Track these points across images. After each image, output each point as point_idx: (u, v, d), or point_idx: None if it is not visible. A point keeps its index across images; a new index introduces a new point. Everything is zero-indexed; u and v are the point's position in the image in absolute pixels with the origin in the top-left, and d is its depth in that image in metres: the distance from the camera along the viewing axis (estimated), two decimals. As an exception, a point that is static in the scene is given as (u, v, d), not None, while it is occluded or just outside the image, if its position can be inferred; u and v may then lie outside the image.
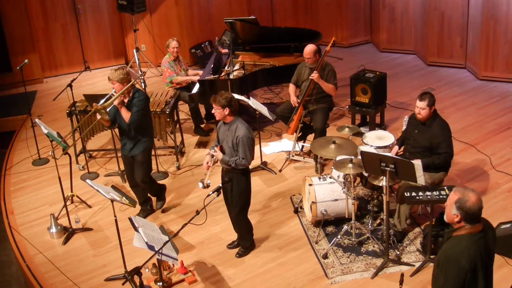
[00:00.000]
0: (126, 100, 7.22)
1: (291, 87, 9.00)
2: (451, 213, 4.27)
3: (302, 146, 9.12)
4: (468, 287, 4.26)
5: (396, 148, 7.44)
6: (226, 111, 6.47)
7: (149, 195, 7.90)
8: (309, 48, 8.60)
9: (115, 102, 7.12)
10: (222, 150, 6.62)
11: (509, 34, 10.78)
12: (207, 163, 6.70)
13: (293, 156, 8.97)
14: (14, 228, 7.89)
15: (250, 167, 6.66)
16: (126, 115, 7.17)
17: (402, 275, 5.01)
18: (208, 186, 6.55)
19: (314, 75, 8.46)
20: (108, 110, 7.18)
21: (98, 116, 7.11)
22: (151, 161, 7.72)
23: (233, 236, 7.21)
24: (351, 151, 7.22)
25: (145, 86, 10.43)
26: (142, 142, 7.38)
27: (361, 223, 7.26)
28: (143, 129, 7.38)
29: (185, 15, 12.90)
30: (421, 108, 6.89)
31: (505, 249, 6.61)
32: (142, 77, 7.65)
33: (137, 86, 7.52)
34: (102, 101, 7.17)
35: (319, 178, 7.39)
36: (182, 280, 6.69)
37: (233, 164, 6.47)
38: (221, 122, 6.68)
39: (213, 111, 6.61)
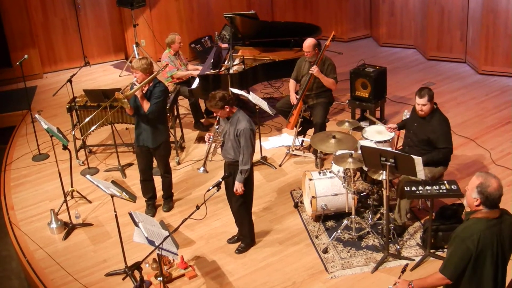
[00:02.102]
0: (145, 89, 7.24)
1: (291, 83, 8.99)
2: (471, 197, 4.38)
3: (302, 141, 9.12)
4: (472, 270, 4.36)
5: (394, 125, 7.47)
6: (227, 108, 6.47)
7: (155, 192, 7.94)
8: (308, 42, 8.59)
9: (137, 93, 7.14)
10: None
11: (509, 28, 10.76)
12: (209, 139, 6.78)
13: (293, 150, 8.97)
14: (14, 223, 7.90)
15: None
16: (146, 105, 7.20)
17: (406, 265, 5.02)
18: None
19: (314, 69, 8.45)
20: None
21: (119, 104, 7.14)
22: (171, 150, 7.83)
23: (234, 230, 7.21)
24: (351, 146, 7.22)
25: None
26: (160, 133, 7.41)
27: (361, 217, 7.27)
28: (161, 120, 7.42)
29: (184, 10, 12.89)
30: (422, 105, 6.87)
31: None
32: (163, 69, 7.71)
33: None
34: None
35: (319, 173, 7.39)
36: (183, 275, 6.71)
37: (245, 170, 6.50)
38: None
39: (214, 114, 6.62)
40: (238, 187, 6.57)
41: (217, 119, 6.74)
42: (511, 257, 4.60)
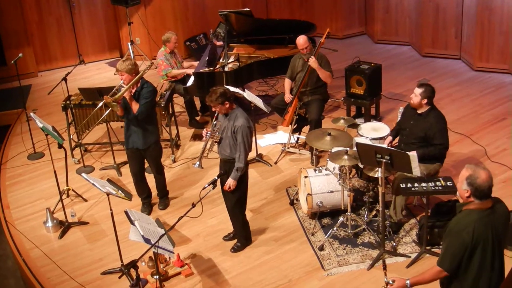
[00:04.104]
0: (133, 91, 7.20)
1: (287, 82, 8.98)
2: (461, 189, 4.44)
3: (298, 138, 9.12)
4: (469, 261, 4.41)
5: (389, 138, 7.45)
6: (227, 104, 6.48)
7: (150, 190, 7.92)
8: (303, 38, 8.61)
9: (125, 94, 7.09)
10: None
11: (504, 24, 10.78)
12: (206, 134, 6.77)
13: (288, 148, 8.97)
14: (10, 222, 7.89)
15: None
16: (134, 106, 7.14)
17: (384, 261, 5.04)
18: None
19: (311, 61, 8.44)
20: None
21: (110, 108, 7.13)
22: (162, 151, 7.79)
23: (230, 228, 7.21)
24: (347, 143, 7.23)
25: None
26: (150, 134, 7.37)
27: (357, 214, 7.28)
28: (150, 121, 7.37)
29: (179, 8, 12.87)
30: (414, 94, 6.94)
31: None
32: (149, 69, 7.65)
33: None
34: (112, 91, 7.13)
35: (315, 170, 7.39)
36: (179, 273, 6.71)
37: (241, 167, 6.51)
38: None
39: (213, 110, 6.61)
40: (230, 183, 6.57)
41: (215, 114, 6.74)
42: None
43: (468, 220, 4.38)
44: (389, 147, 6.62)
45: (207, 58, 9.63)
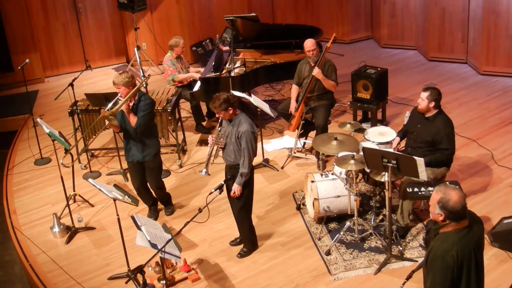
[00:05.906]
0: (131, 104, 7.17)
1: (294, 89, 8.94)
2: (435, 213, 4.32)
3: (304, 143, 9.12)
4: (457, 284, 4.30)
5: (397, 139, 7.44)
6: (230, 110, 6.46)
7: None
8: (311, 41, 8.63)
9: (123, 107, 7.07)
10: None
11: (510, 28, 10.76)
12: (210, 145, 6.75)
13: (295, 153, 8.97)
14: (17, 228, 7.90)
15: (253, 164, 6.67)
16: (133, 119, 7.08)
17: (413, 272, 4.96)
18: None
19: (315, 71, 8.45)
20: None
21: (107, 122, 7.09)
22: (162, 164, 7.73)
23: (236, 233, 7.20)
24: (353, 147, 7.22)
25: (147, 85, 10.40)
26: (149, 147, 7.30)
27: (363, 219, 7.27)
28: (149, 133, 7.31)
29: (185, 13, 12.89)
30: (421, 99, 6.94)
31: (508, 243, 6.60)
32: (146, 80, 7.58)
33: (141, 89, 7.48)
34: (109, 105, 7.07)
35: (321, 175, 7.38)
36: (185, 278, 6.70)
37: (246, 173, 6.49)
38: None
39: (217, 115, 6.60)
40: (236, 189, 6.56)
41: (219, 121, 6.74)
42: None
43: (448, 243, 4.26)
44: (395, 152, 6.60)
45: (213, 63, 9.64)
